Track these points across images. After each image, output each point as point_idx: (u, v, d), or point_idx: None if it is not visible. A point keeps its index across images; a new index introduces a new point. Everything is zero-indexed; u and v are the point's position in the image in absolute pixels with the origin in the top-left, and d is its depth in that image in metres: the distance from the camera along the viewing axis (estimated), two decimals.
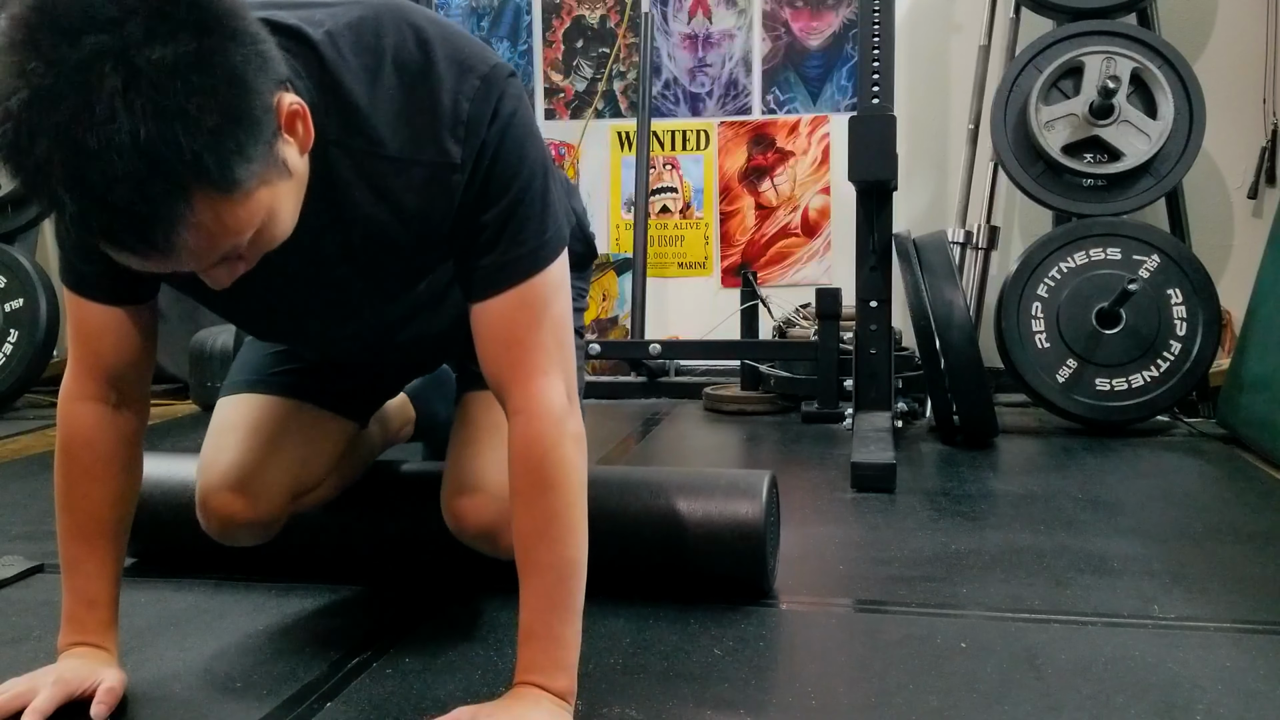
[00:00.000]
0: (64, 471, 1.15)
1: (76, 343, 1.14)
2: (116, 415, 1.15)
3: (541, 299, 1.04)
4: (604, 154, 3.79)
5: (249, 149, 0.83)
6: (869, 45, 2.65)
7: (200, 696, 1.17)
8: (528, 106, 1.05)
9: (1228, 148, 3.23)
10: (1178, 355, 2.71)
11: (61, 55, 0.76)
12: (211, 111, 0.79)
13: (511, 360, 1.04)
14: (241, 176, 0.84)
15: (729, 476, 1.48)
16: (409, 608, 1.45)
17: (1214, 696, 1.14)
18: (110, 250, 0.84)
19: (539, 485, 1.04)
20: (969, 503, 2.02)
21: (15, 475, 2.42)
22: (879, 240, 2.67)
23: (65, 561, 1.15)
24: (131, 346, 1.14)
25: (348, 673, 1.22)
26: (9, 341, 3.34)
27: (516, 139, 1.02)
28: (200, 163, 0.79)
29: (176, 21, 0.78)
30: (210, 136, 0.79)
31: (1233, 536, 1.77)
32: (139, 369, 1.16)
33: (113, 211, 0.79)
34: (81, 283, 1.11)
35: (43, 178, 0.78)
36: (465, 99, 0.99)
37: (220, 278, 0.93)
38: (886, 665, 1.24)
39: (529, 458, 1.04)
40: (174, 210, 0.80)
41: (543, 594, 1.03)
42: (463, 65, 1.00)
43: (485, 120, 1.00)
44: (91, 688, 1.11)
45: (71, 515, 1.14)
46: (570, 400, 1.06)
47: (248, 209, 0.86)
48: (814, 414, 2.94)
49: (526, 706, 1.00)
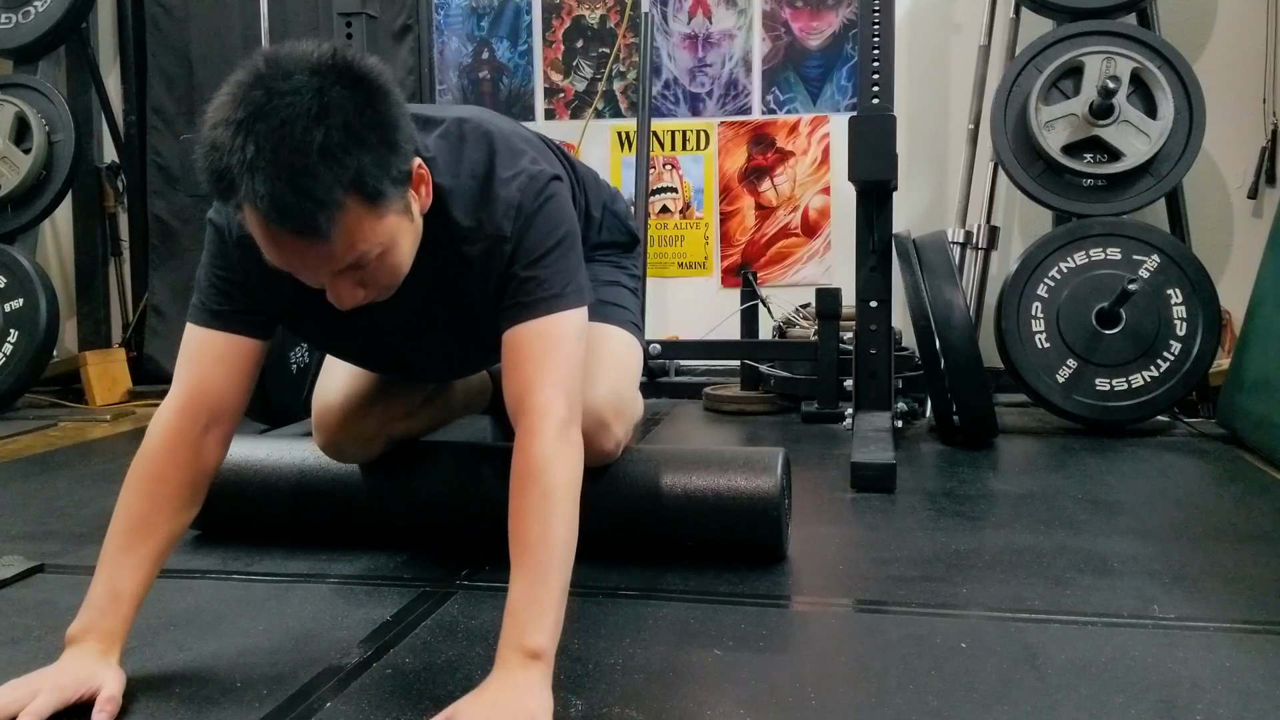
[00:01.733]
0: (138, 471, 1.25)
1: (188, 367, 1.31)
2: (201, 441, 1.27)
3: (558, 335, 1.27)
4: (604, 154, 3.79)
5: (393, 175, 1.12)
6: (869, 45, 2.65)
7: (200, 696, 1.17)
8: (564, 198, 1.35)
9: (1228, 148, 3.23)
10: (1178, 355, 2.71)
11: (277, 87, 1.05)
12: (375, 141, 1.08)
13: (526, 377, 1.24)
14: (386, 193, 1.11)
15: (746, 453, 1.67)
16: (409, 608, 1.45)
17: (1214, 696, 1.14)
18: (275, 233, 1.07)
19: (532, 474, 1.16)
20: (969, 503, 2.02)
21: (15, 475, 2.42)
22: (879, 240, 2.67)
23: (106, 552, 1.21)
24: (237, 381, 1.31)
25: (348, 673, 1.22)
26: (9, 341, 3.35)
27: (549, 219, 1.32)
28: (361, 172, 1.07)
29: (356, 78, 1.09)
30: (371, 155, 1.08)
31: (1233, 536, 1.77)
32: (235, 405, 1.31)
33: (294, 192, 1.03)
34: (212, 318, 1.32)
35: (246, 169, 1.03)
36: (518, 189, 1.31)
37: (343, 294, 1.15)
38: (886, 665, 1.24)
39: (527, 452, 1.18)
40: (334, 198, 1.05)
41: (529, 567, 1.12)
42: (517, 169, 1.32)
43: (528, 207, 1.31)
44: (90, 693, 1.11)
45: (127, 512, 1.22)
46: (570, 415, 1.22)
47: (383, 226, 1.12)
48: (814, 414, 2.94)
49: (496, 692, 1.04)
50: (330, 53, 1.09)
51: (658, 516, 1.62)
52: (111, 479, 2.34)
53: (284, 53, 1.09)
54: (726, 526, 1.61)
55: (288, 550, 1.71)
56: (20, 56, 3.62)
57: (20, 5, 3.54)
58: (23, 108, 3.44)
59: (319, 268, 1.12)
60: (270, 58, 1.08)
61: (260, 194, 1.03)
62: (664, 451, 1.70)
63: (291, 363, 2.78)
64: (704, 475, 1.62)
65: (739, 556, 1.63)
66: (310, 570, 1.62)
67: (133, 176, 3.93)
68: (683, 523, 1.62)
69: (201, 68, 3.88)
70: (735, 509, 1.60)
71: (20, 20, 3.55)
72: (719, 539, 1.63)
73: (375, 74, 1.11)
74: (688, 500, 1.61)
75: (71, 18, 3.57)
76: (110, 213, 4.00)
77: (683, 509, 1.61)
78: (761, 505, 1.59)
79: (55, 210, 3.63)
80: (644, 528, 1.64)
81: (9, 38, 3.56)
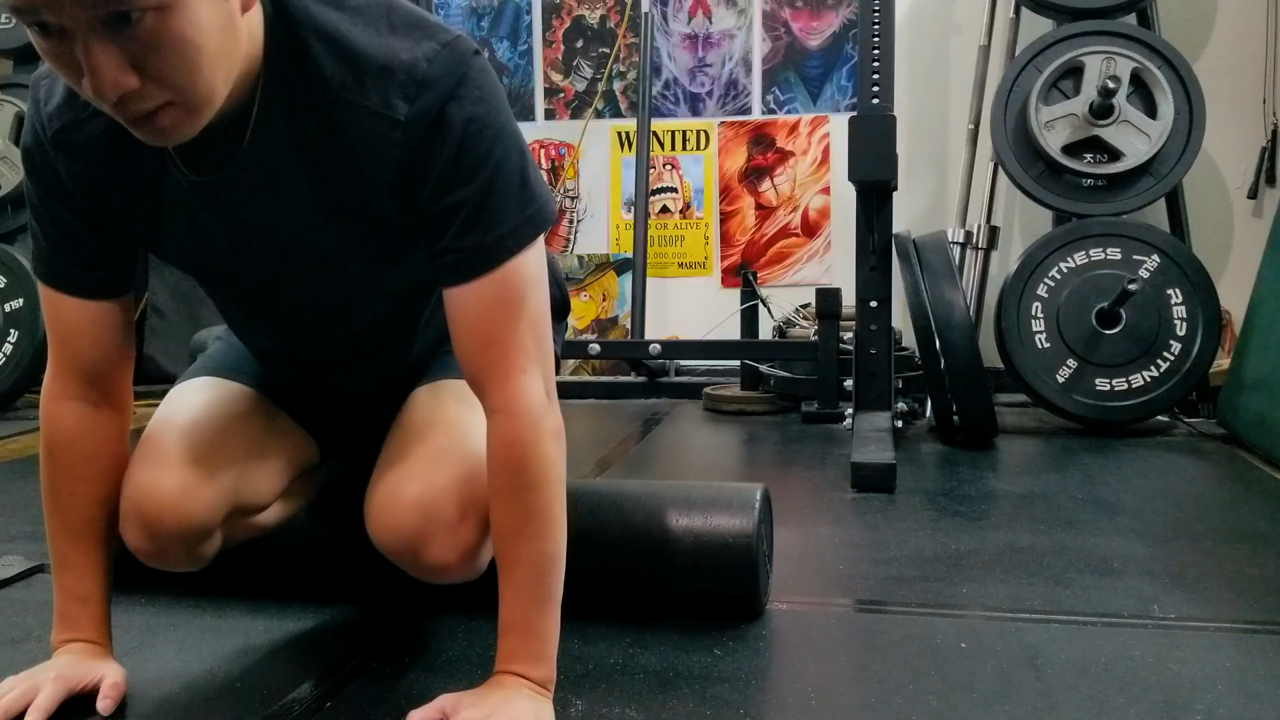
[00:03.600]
0: (49, 471, 1.15)
1: (55, 341, 1.13)
2: (99, 414, 1.15)
3: (518, 293, 1.01)
4: (604, 154, 3.79)
5: None
6: (869, 45, 2.65)
7: (200, 697, 1.17)
8: (492, 77, 1.00)
9: (1228, 148, 3.23)
10: (1178, 355, 2.71)
11: None
12: None
13: (490, 359, 1.02)
14: None
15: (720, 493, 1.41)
16: (408, 608, 1.45)
17: (1214, 696, 1.14)
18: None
19: (518, 483, 1.03)
20: (969, 503, 2.01)
21: (15, 475, 2.42)
22: (879, 240, 2.67)
23: (55, 560, 1.15)
24: (110, 344, 1.13)
25: (347, 673, 1.22)
26: (9, 341, 3.35)
27: (479, 112, 0.97)
28: None
29: None
30: None
31: (1233, 536, 1.77)
32: (119, 367, 1.15)
33: None
34: (54, 275, 1.11)
35: None
36: (424, 59, 0.95)
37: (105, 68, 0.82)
38: (886, 665, 1.24)
39: (509, 457, 1.03)
40: None
41: (522, 588, 1.03)
42: (426, 31, 0.97)
43: (441, 89, 0.95)
44: (93, 682, 1.11)
45: (59, 515, 1.15)
46: (549, 397, 1.04)
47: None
48: (814, 414, 2.94)
49: (506, 694, 1.02)
50: None
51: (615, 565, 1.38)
52: None
53: None
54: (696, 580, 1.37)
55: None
56: (20, 56, 3.62)
57: None
58: (23, 108, 3.44)
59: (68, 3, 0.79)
60: None
61: None
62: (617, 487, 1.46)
63: None
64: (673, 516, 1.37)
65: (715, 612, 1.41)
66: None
67: None
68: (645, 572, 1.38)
69: None
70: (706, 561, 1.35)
71: None
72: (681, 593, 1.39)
73: None
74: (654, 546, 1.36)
75: None
76: None
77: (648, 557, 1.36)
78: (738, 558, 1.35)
79: None
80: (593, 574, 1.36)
81: (9, 38, 3.55)
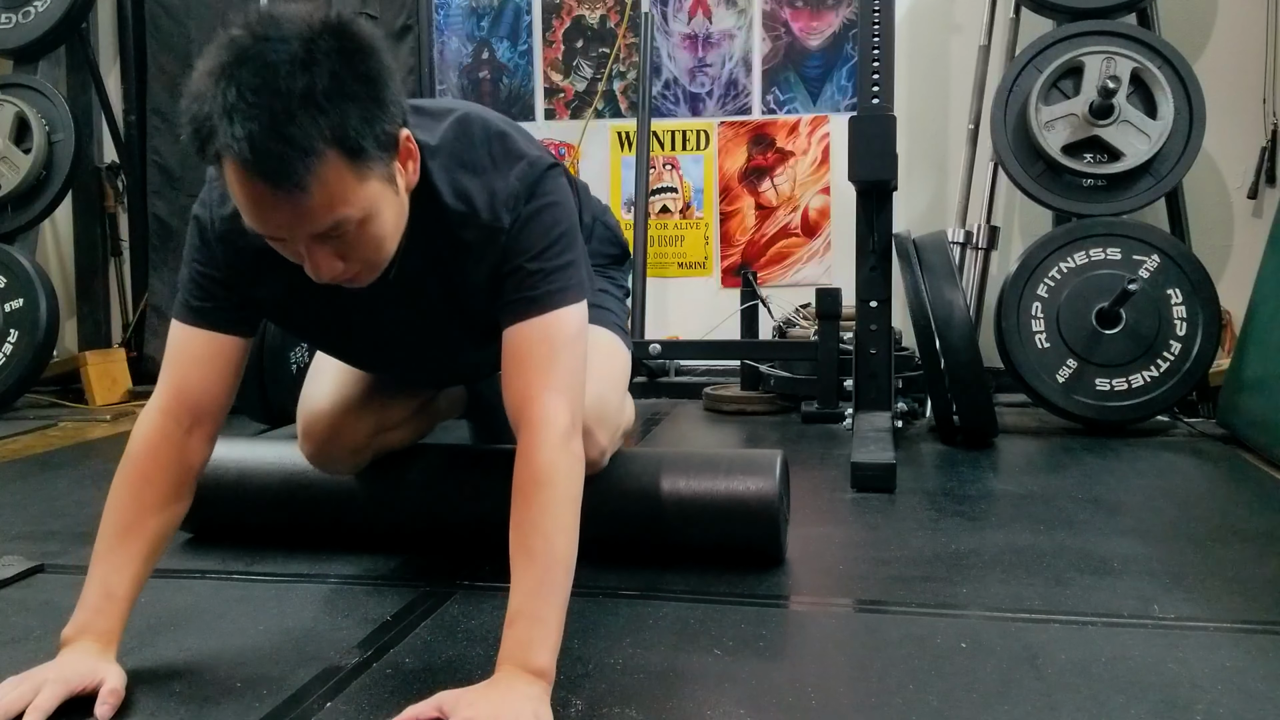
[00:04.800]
0: (123, 474, 1.25)
1: (171, 367, 1.28)
2: (186, 437, 1.26)
3: (561, 336, 1.23)
4: (604, 154, 3.79)
5: (378, 135, 1.07)
6: (869, 45, 2.65)
7: (200, 696, 1.17)
8: (564, 189, 1.30)
9: (1228, 148, 3.23)
10: (1178, 355, 2.71)
11: (264, 34, 1.03)
12: (361, 95, 1.05)
13: (526, 382, 1.21)
14: (368, 152, 1.06)
15: (744, 455, 1.66)
16: (409, 608, 1.45)
17: (1214, 696, 1.14)
18: (251, 184, 1.02)
19: (536, 483, 1.15)
20: (969, 503, 2.01)
21: (15, 475, 2.42)
22: (879, 240, 2.67)
23: (97, 553, 1.21)
24: (219, 381, 1.29)
25: (348, 673, 1.22)
26: (9, 341, 3.35)
27: (550, 211, 1.27)
28: (345, 124, 1.03)
29: (348, 33, 1.06)
30: (357, 109, 1.04)
31: (1233, 536, 1.77)
32: (219, 404, 1.29)
33: (273, 137, 0.99)
34: (193, 313, 1.29)
35: (225, 113, 1.00)
36: (516, 178, 1.26)
37: (322, 263, 1.10)
38: (886, 665, 1.24)
39: (530, 461, 1.16)
40: (314, 147, 1.01)
41: (532, 578, 1.10)
42: (516, 156, 1.27)
43: (527, 197, 1.26)
44: (93, 685, 1.12)
45: (116, 512, 1.23)
46: (573, 425, 1.19)
47: (364, 190, 1.08)
48: (814, 414, 2.94)
49: (502, 693, 1.04)
50: (325, 12, 1.07)
51: (654, 520, 1.61)
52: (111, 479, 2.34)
53: (279, 8, 1.07)
54: (724, 530, 1.60)
55: (288, 550, 1.71)
56: (20, 56, 3.63)
57: (20, 5, 3.54)
58: (23, 108, 3.44)
59: (295, 227, 1.06)
60: (264, 11, 1.06)
61: (238, 138, 0.99)
62: (662, 454, 1.68)
63: (291, 363, 2.78)
64: (702, 478, 1.60)
65: (738, 558, 1.63)
66: (310, 570, 1.62)
67: (133, 176, 3.93)
68: (680, 526, 1.61)
69: None
70: (733, 513, 1.58)
71: (20, 20, 3.55)
72: (717, 543, 1.62)
73: (367, 33, 1.08)
74: (686, 504, 1.59)
75: (71, 18, 3.57)
76: (110, 213, 4.00)
77: (680, 513, 1.60)
78: (760, 509, 1.58)
79: (55, 210, 3.63)
80: (640, 531, 1.63)
81: (9, 38, 3.56)
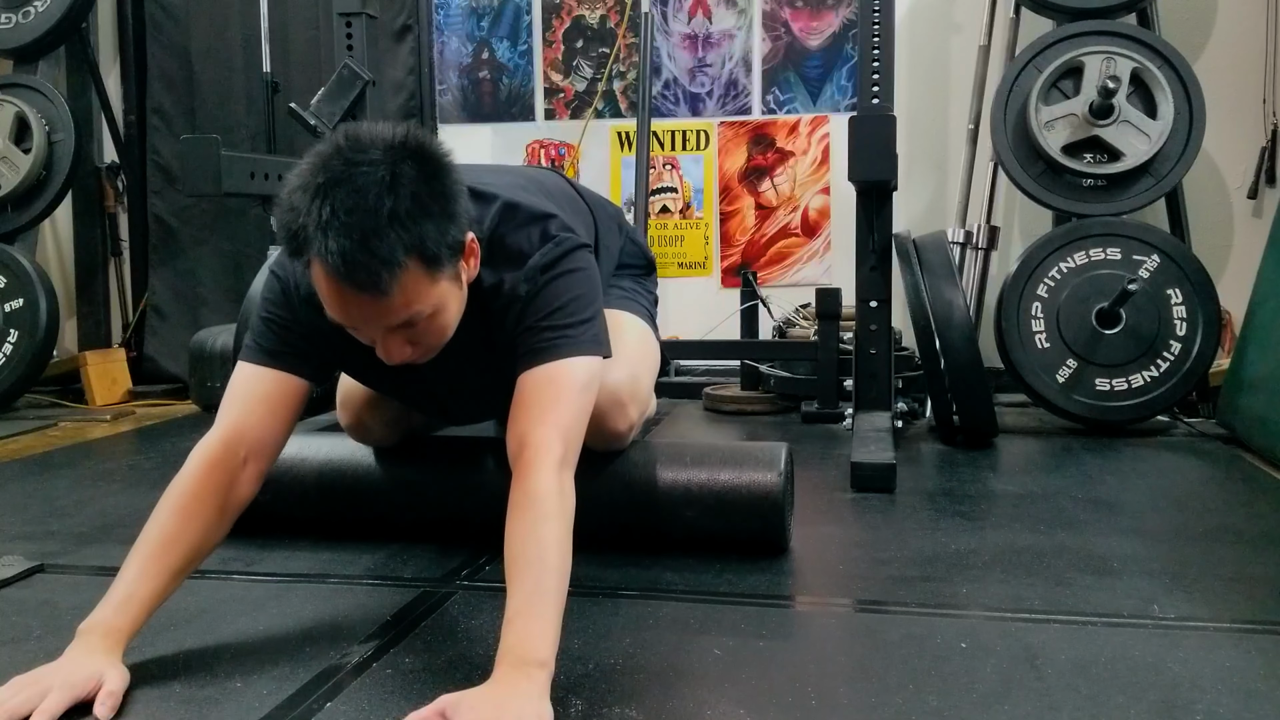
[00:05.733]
0: (175, 489, 1.29)
1: (232, 404, 1.37)
2: (238, 470, 1.33)
3: (568, 384, 1.33)
4: (604, 154, 3.79)
5: (450, 244, 1.24)
6: (869, 45, 2.64)
7: (200, 696, 1.17)
8: (585, 264, 1.44)
9: (1228, 148, 3.23)
10: (1178, 355, 2.71)
11: (354, 159, 1.19)
12: (437, 212, 1.22)
13: (528, 418, 1.30)
14: (442, 259, 1.24)
15: (750, 447, 1.70)
16: (409, 608, 1.45)
17: (1214, 696, 1.14)
18: (340, 287, 1.18)
19: (529, 500, 1.21)
20: (969, 503, 2.02)
21: (15, 475, 2.42)
22: (879, 240, 2.67)
23: (129, 561, 1.24)
24: (279, 421, 1.38)
25: (348, 673, 1.22)
26: (9, 341, 3.35)
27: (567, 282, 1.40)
28: (424, 238, 1.20)
29: (424, 155, 1.24)
30: (433, 224, 1.21)
31: (1233, 536, 1.77)
32: (275, 444, 1.38)
33: (363, 251, 1.16)
34: (263, 354, 1.40)
35: (320, 228, 1.16)
36: (540, 256, 1.40)
37: (393, 350, 1.27)
38: (886, 665, 1.24)
39: (523, 484, 1.23)
40: (397, 259, 1.17)
41: (529, 582, 1.14)
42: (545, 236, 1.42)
43: (545, 271, 1.40)
44: (96, 690, 1.12)
45: (157, 527, 1.27)
46: (565, 459, 1.27)
47: (436, 289, 1.25)
48: (814, 414, 2.94)
49: (504, 694, 1.04)
50: (404, 133, 1.24)
51: (661, 507, 1.64)
52: (111, 479, 2.34)
53: (363, 130, 1.24)
54: (730, 519, 1.63)
55: (288, 550, 1.71)
56: (20, 56, 3.62)
57: (20, 5, 3.54)
58: (23, 108, 3.44)
59: (374, 322, 1.23)
60: (350, 133, 1.23)
61: (333, 250, 1.15)
62: (668, 444, 1.71)
63: None
64: (708, 468, 1.64)
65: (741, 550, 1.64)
66: (310, 570, 1.62)
67: (133, 176, 3.93)
68: (686, 515, 1.64)
69: (201, 68, 3.88)
70: (739, 501, 1.62)
71: (20, 20, 3.55)
72: (722, 531, 1.65)
73: (441, 154, 1.26)
74: (693, 492, 1.63)
75: (71, 18, 3.57)
76: (110, 213, 4.00)
77: (688, 500, 1.64)
78: (764, 498, 1.62)
79: (55, 210, 3.63)
80: (648, 520, 1.65)
81: (9, 38, 3.56)
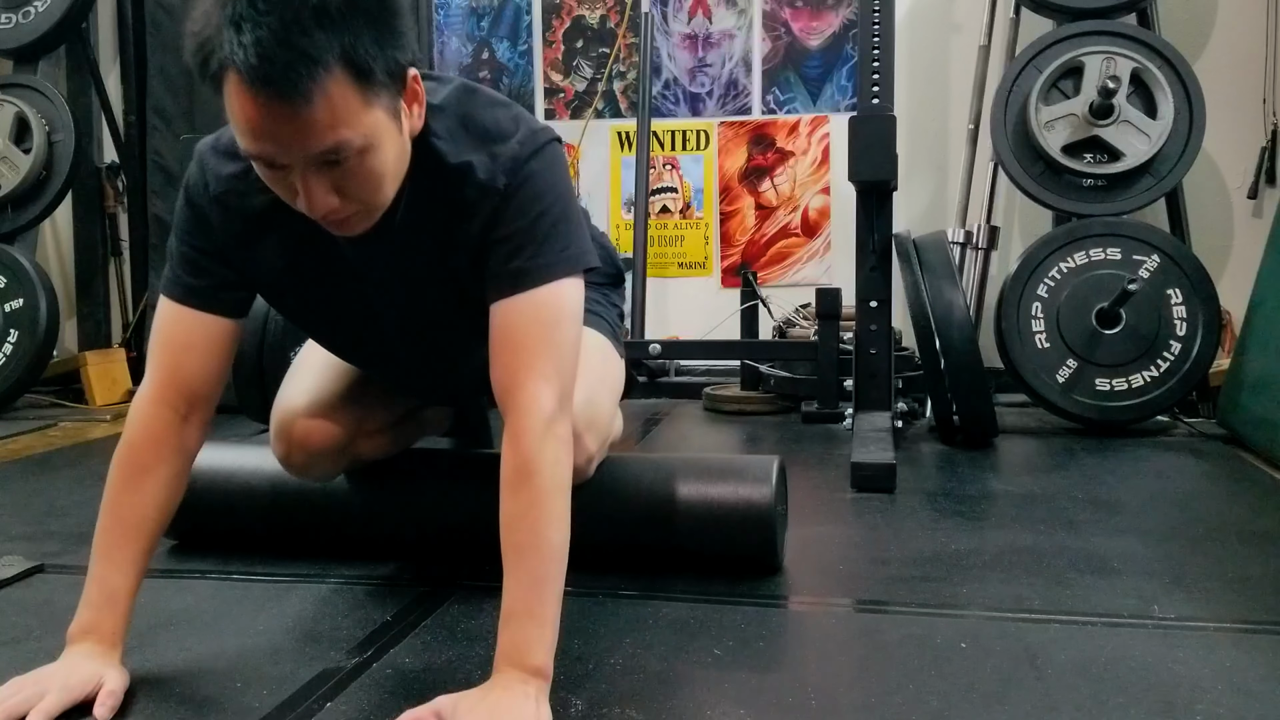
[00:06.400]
0: (122, 465, 1.23)
1: (162, 352, 1.25)
2: (184, 425, 1.24)
3: (550, 315, 1.18)
4: (604, 154, 3.79)
5: (388, 62, 1.05)
6: (869, 45, 2.65)
7: (200, 696, 1.17)
8: (563, 160, 1.26)
9: (1228, 148, 3.23)
10: (1178, 355, 2.71)
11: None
12: (374, 16, 1.02)
13: (515, 365, 1.16)
14: (376, 76, 1.04)
15: (741, 462, 1.62)
16: (409, 608, 1.45)
17: (1214, 696, 1.14)
18: (254, 95, 0.99)
19: (523, 473, 1.12)
20: (969, 503, 2.01)
21: (15, 475, 2.42)
22: (879, 240, 2.67)
23: (98, 550, 1.20)
24: (212, 364, 1.26)
25: (348, 673, 1.22)
26: (9, 341, 3.35)
27: (548, 178, 1.21)
28: (356, 43, 1.01)
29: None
30: (369, 31, 1.02)
31: (1233, 536, 1.77)
32: (212, 387, 1.27)
33: (281, 45, 0.97)
34: (182, 290, 1.25)
35: (232, 22, 0.97)
36: (517, 142, 1.20)
37: (317, 194, 1.06)
38: (886, 665, 1.24)
39: (516, 450, 1.13)
40: (322, 58, 0.99)
41: (524, 574, 1.09)
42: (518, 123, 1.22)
43: (525, 162, 1.19)
44: (96, 690, 1.12)
45: (116, 510, 1.22)
46: (560, 409, 1.15)
47: (368, 116, 1.05)
48: (814, 414, 2.94)
49: (500, 696, 1.03)
50: None
51: (649, 526, 1.57)
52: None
53: None
54: (720, 538, 1.56)
55: (288, 550, 1.71)
56: (20, 56, 3.62)
57: (20, 5, 3.54)
58: (23, 108, 3.44)
59: (294, 146, 1.02)
60: None
61: (246, 44, 0.97)
62: (658, 459, 1.64)
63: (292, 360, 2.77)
64: (697, 484, 1.56)
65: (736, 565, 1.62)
66: (310, 570, 1.62)
67: (133, 176, 3.93)
68: (675, 533, 1.57)
69: None
70: (729, 521, 1.54)
71: (20, 20, 3.55)
72: (713, 550, 1.58)
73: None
74: (680, 511, 1.55)
75: (71, 18, 3.57)
76: (110, 213, 4.00)
77: (675, 519, 1.56)
78: (755, 516, 1.53)
79: (55, 210, 3.63)
80: (634, 538, 1.59)
81: (9, 38, 3.56)
